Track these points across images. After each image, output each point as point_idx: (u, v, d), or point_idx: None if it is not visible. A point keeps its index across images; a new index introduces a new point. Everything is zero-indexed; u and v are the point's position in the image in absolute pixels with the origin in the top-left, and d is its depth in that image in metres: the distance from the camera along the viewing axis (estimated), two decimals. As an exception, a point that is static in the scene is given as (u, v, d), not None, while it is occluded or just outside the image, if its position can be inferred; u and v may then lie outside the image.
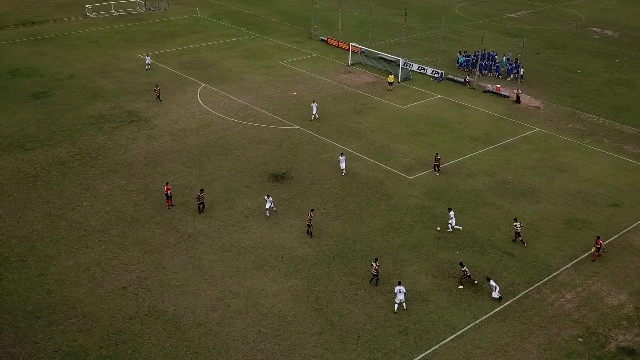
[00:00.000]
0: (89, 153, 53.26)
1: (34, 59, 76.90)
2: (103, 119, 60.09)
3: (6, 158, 51.94)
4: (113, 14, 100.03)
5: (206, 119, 60.65)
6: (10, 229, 42.37)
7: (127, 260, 39.72)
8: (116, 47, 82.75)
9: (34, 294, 36.52)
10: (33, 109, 62.08)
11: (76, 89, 67.65)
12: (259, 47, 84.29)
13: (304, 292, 37.23)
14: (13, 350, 32.40)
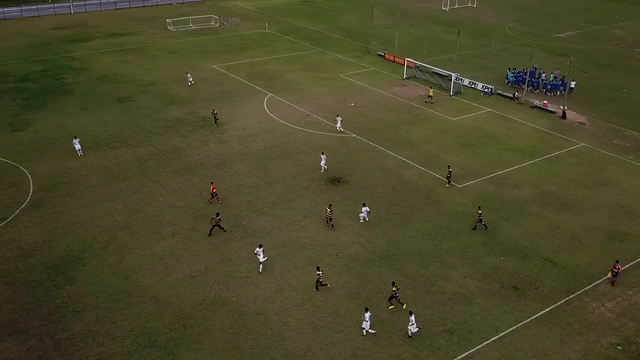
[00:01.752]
0: (165, 153, 54.38)
1: (120, 67, 79.08)
2: (179, 122, 61.27)
3: (93, 155, 53.53)
4: (190, 27, 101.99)
5: (271, 125, 61.12)
6: (94, 220, 43.61)
7: (196, 251, 40.34)
8: (192, 57, 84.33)
9: (114, 278, 37.47)
10: (118, 112, 63.82)
11: (156, 95, 69.21)
12: (321, 60, 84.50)
13: (356, 288, 37.03)
14: (94, 328, 33.31)
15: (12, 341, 32.18)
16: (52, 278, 37.19)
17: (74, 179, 49.20)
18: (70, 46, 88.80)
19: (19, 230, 42.06)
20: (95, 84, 72.51)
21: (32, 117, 61.63)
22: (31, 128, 58.97)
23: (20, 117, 61.72)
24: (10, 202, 45.52)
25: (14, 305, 34.82)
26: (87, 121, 60.99)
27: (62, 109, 64.23)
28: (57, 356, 31.28)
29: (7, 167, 50.75)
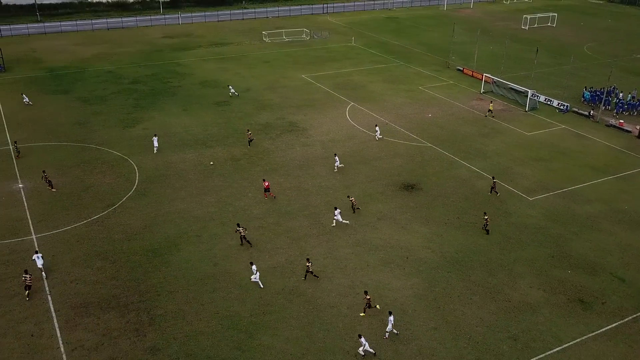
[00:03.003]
0: (256, 154, 55.55)
1: (219, 74, 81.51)
2: (269, 126, 62.44)
3: (192, 152, 55.45)
4: (284, 39, 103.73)
5: (351, 132, 61.19)
6: (190, 210, 45.16)
7: (278, 244, 40.96)
8: (284, 67, 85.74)
9: (204, 264, 38.65)
10: (215, 114, 65.80)
11: (250, 100, 70.85)
12: (402, 73, 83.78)
13: (424, 290, 36.45)
14: (184, 308, 34.49)
15: (114, 313, 33.85)
16: (151, 260, 38.82)
17: (174, 173, 51.14)
18: (177, 53, 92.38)
19: (125, 215, 44.18)
20: (196, 88, 75.07)
21: (141, 116, 64.58)
22: (140, 125, 61.80)
23: (131, 115, 64.81)
24: (119, 190, 47.90)
25: (117, 282, 36.61)
26: (188, 121, 63.25)
27: (167, 109, 66.94)
28: (151, 330, 32.62)
29: (118, 159, 53.44)
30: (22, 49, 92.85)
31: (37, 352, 30.84)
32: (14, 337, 31.82)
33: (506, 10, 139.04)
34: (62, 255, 39.03)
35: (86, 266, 38.03)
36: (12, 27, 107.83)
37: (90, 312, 33.88)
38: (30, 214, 43.87)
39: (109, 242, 40.69)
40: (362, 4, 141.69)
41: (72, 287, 35.96)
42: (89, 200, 46.08)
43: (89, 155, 54.12)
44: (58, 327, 32.66)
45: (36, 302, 34.55)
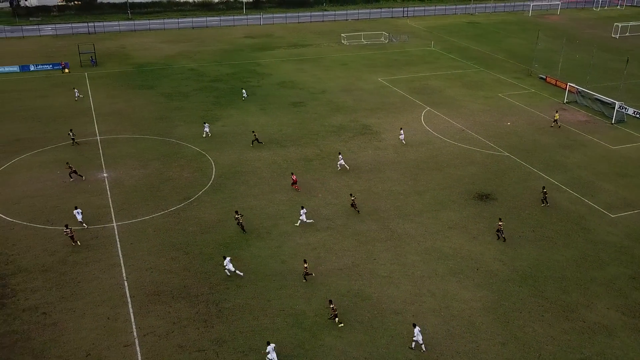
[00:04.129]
0: (328, 155, 55.85)
1: (297, 75, 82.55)
2: (342, 128, 62.61)
3: (267, 151, 56.44)
4: (362, 42, 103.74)
5: (426, 137, 60.34)
6: (262, 207, 45.98)
7: (345, 247, 40.98)
8: (360, 70, 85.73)
9: (272, 261, 39.24)
10: (291, 114, 66.70)
11: (325, 102, 71.31)
12: (481, 79, 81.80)
13: (493, 304, 35.39)
14: (251, 302, 35.13)
15: (184, 303, 34.98)
16: (222, 254, 39.79)
17: (249, 170, 52.24)
18: (257, 53, 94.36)
19: (200, 209, 45.55)
20: (274, 88, 76.36)
21: (220, 113, 66.41)
22: (219, 122, 63.57)
23: (211, 112, 66.77)
24: (196, 184, 49.46)
25: (189, 273, 37.81)
26: (265, 120, 64.44)
27: (245, 108, 68.48)
28: (218, 322, 33.45)
29: (197, 155, 55.17)
30: (113, 45, 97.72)
31: (112, 335, 32.33)
32: (91, 319, 33.50)
33: (595, 17, 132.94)
34: (139, 244, 40.73)
35: (161, 255, 39.50)
36: (105, 24, 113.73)
37: (163, 300, 35.15)
38: (112, 203, 46.07)
39: (184, 234, 42.08)
40: (443, 9, 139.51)
41: (147, 275, 37.45)
42: (167, 192, 47.85)
43: (170, 149, 56.19)
44: (132, 312, 34.11)
45: (113, 287, 36.22)
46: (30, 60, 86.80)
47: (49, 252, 39.39)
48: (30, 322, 33.12)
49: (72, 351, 31.10)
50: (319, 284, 36.81)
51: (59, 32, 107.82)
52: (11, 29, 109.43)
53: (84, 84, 76.39)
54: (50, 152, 54.82)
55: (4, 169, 51.42)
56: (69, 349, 31.23)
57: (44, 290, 35.68)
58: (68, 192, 47.52)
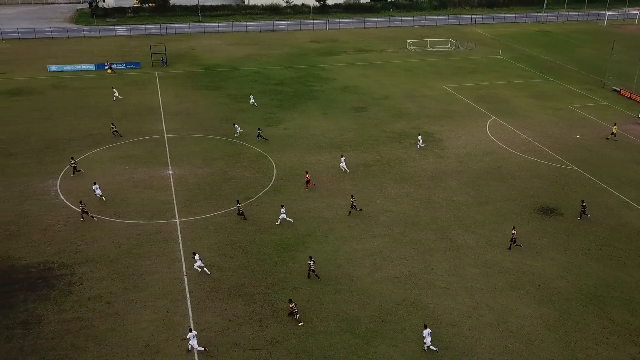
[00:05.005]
0: (387, 161, 55.49)
1: (360, 80, 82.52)
2: (403, 135, 62.07)
3: (327, 155, 56.65)
4: (427, 49, 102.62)
5: (490, 147, 58.97)
6: (320, 210, 46.15)
7: (402, 255, 40.56)
8: (425, 77, 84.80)
9: (328, 264, 39.30)
10: (352, 119, 66.70)
11: (387, 107, 70.93)
12: (550, 90, 79.25)
13: (554, 322, 34.13)
14: (306, 305, 35.29)
15: (241, 301, 35.53)
16: (279, 254, 40.22)
17: (309, 172, 52.53)
18: (322, 58, 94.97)
19: (260, 209, 46.20)
20: (337, 93, 76.61)
21: (283, 116, 67.20)
22: (281, 125, 64.33)
23: (274, 115, 67.68)
24: (257, 185, 50.22)
25: (246, 272, 38.38)
26: (326, 125, 64.73)
27: (308, 112, 69.02)
28: (273, 323, 33.78)
29: (259, 156, 56.02)
30: (183, 47, 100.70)
31: (170, 328, 33.22)
32: (152, 311, 34.55)
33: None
34: (200, 240, 41.71)
35: (220, 253, 40.30)
36: (176, 25, 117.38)
37: (220, 297, 35.83)
38: (176, 199, 47.40)
39: (243, 233, 42.78)
40: (513, 16, 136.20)
41: (206, 272, 38.25)
42: (229, 191, 48.80)
43: (233, 149, 57.31)
44: (190, 307, 34.94)
45: (173, 281, 37.24)
46: (105, 59, 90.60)
47: (114, 244, 40.92)
48: (95, 310, 34.48)
49: (132, 341, 32.15)
50: (374, 292, 36.58)
51: (133, 32, 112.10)
52: (89, 28, 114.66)
53: (154, 83, 79.07)
54: (120, 148, 57.00)
55: (79, 161, 53.79)
56: (129, 339, 32.30)
57: (108, 281, 37.09)
58: (135, 187, 49.25)
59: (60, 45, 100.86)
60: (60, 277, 37.41)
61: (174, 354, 31.32)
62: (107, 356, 31.05)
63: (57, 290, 36.15)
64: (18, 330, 32.74)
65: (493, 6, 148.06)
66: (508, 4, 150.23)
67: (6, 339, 32.06)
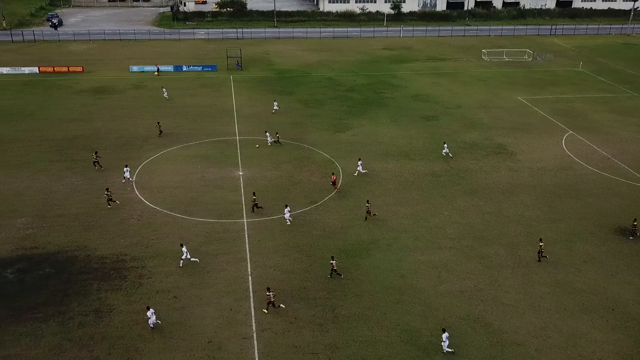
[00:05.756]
0: (457, 172, 54.41)
1: (432, 89, 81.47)
2: (475, 146, 60.71)
3: (394, 163, 56.21)
4: (504, 59, 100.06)
5: (566, 162, 56.70)
6: (384, 219, 45.81)
7: (468, 269, 39.60)
8: (500, 87, 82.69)
9: (391, 274, 38.91)
10: (422, 128, 65.90)
11: (459, 117, 69.63)
12: (634, 105, 75.38)
13: (629, 350, 32.30)
14: (367, 313, 35.07)
15: (302, 304, 35.74)
16: (342, 260, 40.19)
17: (375, 180, 52.35)
18: (394, 65, 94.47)
19: (325, 214, 46.38)
20: (407, 101, 75.94)
21: (351, 123, 67.28)
22: (349, 131, 64.42)
23: (343, 121, 67.86)
24: (323, 189, 50.47)
25: (309, 275, 38.57)
26: (395, 132, 64.26)
27: (377, 119, 68.77)
28: (333, 328, 33.77)
29: (326, 161, 56.31)
30: (258, 51, 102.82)
31: (233, 326, 33.84)
32: (216, 308, 35.33)
33: None
34: (265, 242, 42.33)
35: (284, 255, 40.73)
36: (252, 30, 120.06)
37: (283, 298, 36.17)
38: (244, 200, 48.33)
39: (307, 237, 43.06)
40: (596, 28, 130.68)
41: (269, 273, 38.79)
42: (295, 195, 49.28)
43: (301, 153, 57.87)
44: (253, 307, 35.47)
45: (238, 280, 37.94)
46: (184, 61, 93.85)
47: (184, 241, 42.12)
48: (162, 303, 35.63)
49: (196, 336, 32.98)
50: (437, 304, 35.91)
51: (211, 36, 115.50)
52: (170, 31, 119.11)
53: (228, 86, 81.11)
54: (193, 147, 58.77)
55: (154, 159, 55.92)
56: (193, 334, 33.16)
57: (176, 275, 38.25)
58: (206, 185, 50.61)
59: (142, 46, 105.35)
60: (132, 269, 38.93)
61: (235, 351, 31.88)
62: (171, 349, 32.00)
63: (128, 281, 37.64)
64: (90, 317, 34.30)
65: (575, 17, 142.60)
66: (591, 15, 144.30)
67: (79, 325, 33.65)
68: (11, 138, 60.61)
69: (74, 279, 37.74)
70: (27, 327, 33.34)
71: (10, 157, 55.71)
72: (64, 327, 33.42)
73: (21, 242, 41.59)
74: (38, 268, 38.84)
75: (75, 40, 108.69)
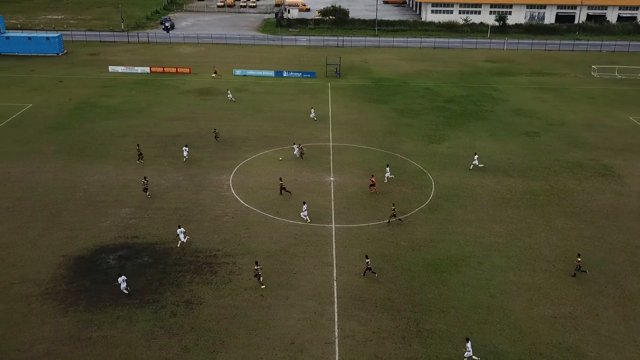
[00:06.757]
0: (557, 192, 51.78)
1: (535, 104, 78.16)
2: (578, 166, 57.52)
3: (490, 178, 54.38)
4: (615, 76, 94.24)
5: (681, 190, 52.43)
6: (477, 235, 44.40)
7: (564, 294, 37.50)
8: (609, 106, 77.92)
9: (480, 293, 37.61)
10: (522, 144, 63.35)
11: (562, 135, 66.30)
12: None
13: None
14: (452, 330, 34.07)
15: (386, 315, 35.34)
16: (430, 274, 39.37)
17: (468, 195, 50.91)
18: (495, 78, 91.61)
19: (414, 225, 45.68)
20: (508, 115, 73.34)
21: (447, 134, 65.91)
22: (445, 143, 63.13)
23: (438, 132, 66.63)
24: (413, 200, 49.75)
25: (395, 286, 38.07)
26: (493, 147, 62.22)
27: (474, 132, 66.93)
28: (416, 342, 33.10)
29: (418, 172, 55.49)
30: (357, 59, 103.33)
31: (315, 329, 34.05)
32: (300, 310, 35.71)
33: None
34: (352, 248, 42.31)
35: (370, 264, 40.48)
36: (353, 38, 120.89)
37: (366, 307, 35.97)
38: (334, 205, 48.62)
39: (395, 247, 42.58)
40: None
41: (355, 280, 38.70)
42: (385, 204, 48.91)
43: (393, 163, 57.39)
44: (337, 312, 35.53)
45: (323, 284, 38.14)
46: (284, 67, 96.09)
47: (274, 241, 43.04)
48: (249, 300, 36.52)
49: (279, 336, 33.49)
50: (527, 329, 34.27)
51: (312, 43, 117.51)
52: (273, 37, 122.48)
53: (325, 93, 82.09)
54: (289, 151, 59.93)
55: (250, 160, 57.61)
56: (276, 333, 33.70)
57: (264, 274, 39.05)
58: (298, 189, 51.41)
59: (245, 51, 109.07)
60: (223, 265, 40.23)
61: (316, 355, 32.04)
62: (255, 346, 32.69)
63: (219, 276, 38.91)
64: (182, 307, 35.78)
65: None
66: None
67: (171, 314, 35.19)
68: (121, 133, 64.68)
69: (169, 270, 39.57)
70: (123, 311, 35.33)
71: (120, 151, 59.43)
72: (157, 315, 35.08)
73: (124, 230, 44.18)
74: (137, 256, 41.09)
75: (185, 43, 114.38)
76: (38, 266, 39.61)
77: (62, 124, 67.01)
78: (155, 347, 32.51)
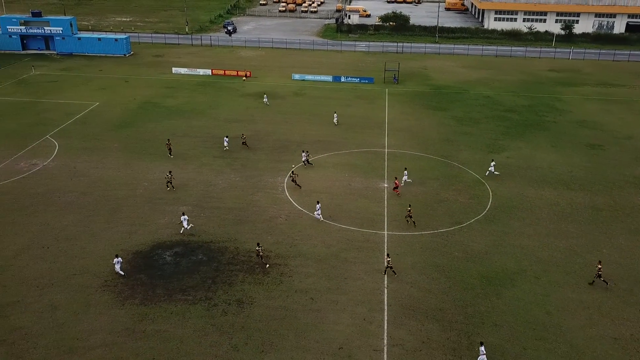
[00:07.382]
0: (622, 208, 49.59)
1: (600, 115, 75.27)
2: (646, 181, 54.99)
3: (550, 191, 52.65)
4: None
5: None
6: (534, 249, 42.96)
7: (626, 315, 35.83)
8: (682, 119, 74.14)
9: (536, 308, 36.42)
10: (585, 156, 61.07)
11: (629, 149, 63.51)
12: None
13: None
14: (505, 345, 33.10)
15: (437, 325, 34.72)
16: (484, 286, 38.44)
17: (526, 207, 49.45)
18: (559, 88, 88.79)
19: (469, 236, 44.73)
20: (571, 126, 70.90)
21: (507, 144, 64.29)
22: (504, 153, 61.58)
23: (498, 141, 65.08)
24: (469, 211, 48.74)
25: (447, 297, 37.36)
26: (555, 158, 60.25)
27: (535, 142, 65.02)
28: (468, 355, 32.33)
29: (475, 182, 54.33)
30: (416, 65, 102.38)
31: (364, 336, 33.81)
32: (350, 315, 35.55)
33: None
34: (404, 257, 41.82)
35: (422, 273, 39.91)
36: (412, 45, 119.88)
37: (417, 316, 35.45)
38: (387, 212, 48.22)
39: (448, 258, 41.81)
40: None
41: (406, 289, 38.22)
42: (440, 213, 48.15)
43: (449, 171, 56.46)
44: (386, 320, 35.16)
45: (374, 291, 37.85)
46: (342, 72, 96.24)
47: (325, 245, 43.07)
48: (299, 302, 36.64)
49: (328, 340, 33.43)
50: (585, 348, 32.92)
51: (371, 49, 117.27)
52: (333, 42, 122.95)
53: (383, 98, 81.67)
54: (343, 156, 59.93)
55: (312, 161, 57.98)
56: (325, 337, 33.66)
57: (315, 278, 39.15)
58: (351, 194, 51.31)
59: (305, 56, 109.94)
60: (275, 266, 40.55)
61: (364, 362, 31.82)
62: (303, 349, 32.76)
63: (270, 277, 39.25)
64: (233, 306, 36.28)
65: None
66: None
67: (222, 312, 35.73)
68: (183, 133, 66.35)
69: (222, 268, 40.22)
70: (177, 307, 36.14)
71: (181, 150, 60.96)
72: (209, 312, 35.70)
73: (181, 228, 45.23)
74: (192, 254, 41.98)
75: (246, 47, 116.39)
76: (98, 259, 41.07)
77: (126, 122, 69.38)
78: (206, 344, 33.07)
